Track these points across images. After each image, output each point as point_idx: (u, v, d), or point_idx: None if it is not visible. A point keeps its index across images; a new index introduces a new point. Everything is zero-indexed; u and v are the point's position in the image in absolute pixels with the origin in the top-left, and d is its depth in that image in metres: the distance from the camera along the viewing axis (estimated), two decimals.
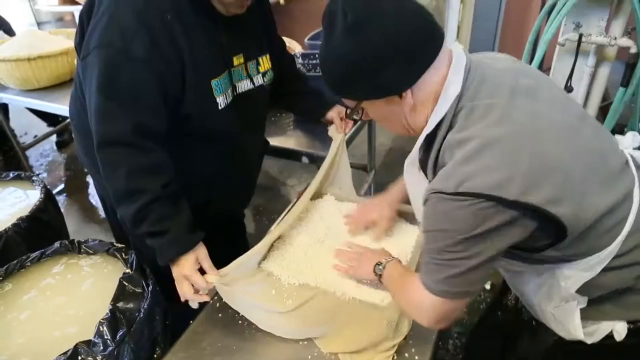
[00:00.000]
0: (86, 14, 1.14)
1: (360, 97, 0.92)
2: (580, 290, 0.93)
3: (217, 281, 1.15)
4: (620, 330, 0.97)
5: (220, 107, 1.22)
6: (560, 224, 0.81)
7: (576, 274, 0.92)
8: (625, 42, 1.90)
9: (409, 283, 0.97)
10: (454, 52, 0.90)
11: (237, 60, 1.26)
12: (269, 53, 1.39)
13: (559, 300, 0.97)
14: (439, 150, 0.89)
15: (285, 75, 1.56)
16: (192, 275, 1.15)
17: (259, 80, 1.35)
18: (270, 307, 1.17)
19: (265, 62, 1.36)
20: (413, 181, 1.01)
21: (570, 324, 0.97)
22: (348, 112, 0.98)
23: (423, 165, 0.97)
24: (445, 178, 0.82)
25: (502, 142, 0.80)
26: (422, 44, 0.84)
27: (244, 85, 1.30)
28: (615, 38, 1.91)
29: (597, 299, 0.96)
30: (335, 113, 1.57)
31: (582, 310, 0.96)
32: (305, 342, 1.16)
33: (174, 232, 1.15)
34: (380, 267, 1.12)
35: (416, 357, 1.11)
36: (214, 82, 1.19)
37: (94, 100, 1.08)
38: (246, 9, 1.20)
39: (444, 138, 0.87)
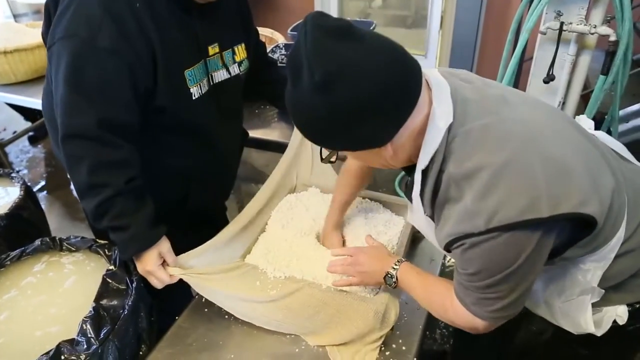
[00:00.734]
0: (52, 2, 1.11)
1: (335, 149, 0.88)
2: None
3: (179, 274, 1.15)
4: (622, 314, 0.98)
5: (194, 98, 1.20)
6: (593, 221, 0.81)
7: (593, 266, 0.92)
8: (604, 30, 1.92)
9: (446, 307, 0.95)
10: (431, 79, 0.86)
11: (213, 50, 1.24)
12: (244, 42, 1.37)
13: (572, 294, 0.97)
14: (436, 182, 0.85)
15: (258, 64, 1.54)
16: (155, 271, 1.15)
17: (235, 69, 1.33)
18: (250, 296, 1.16)
19: (240, 52, 1.35)
20: (420, 221, 0.96)
21: (582, 317, 0.97)
22: (323, 156, 0.92)
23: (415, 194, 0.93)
24: (469, 218, 0.79)
25: (512, 164, 0.78)
26: (397, 98, 0.77)
27: (220, 75, 1.28)
28: (595, 26, 1.93)
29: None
30: None
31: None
32: (292, 336, 1.16)
33: (135, 227, 1.13)
34: (392, 279, 1.08)
35: (403, 348, 1.12)
36: (187, 73, 1.17)
37: (60, 92, 1.06)
38: None
39: (440, 169, 0.84)
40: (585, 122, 1.05)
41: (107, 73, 1.05)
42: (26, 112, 3.63)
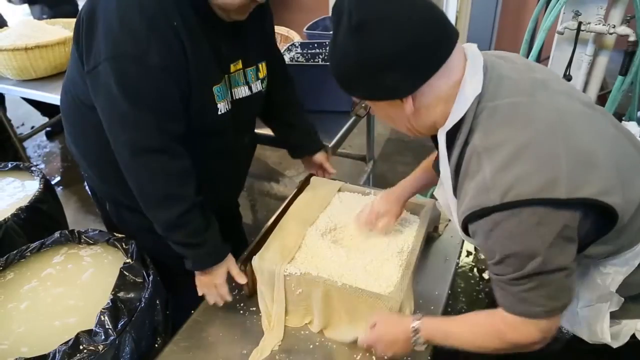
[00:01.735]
0: (87, 16, 1.09)
1: (362, 96, 0.91)
2: (617, 290, 0.92)
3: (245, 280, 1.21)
4: None
5: (219, 113, 1.21)
6: (614, 213, 0.79)
7: (614, 270, 0.90)
8: (623, 30, 1.90)
9: (501, 331, 0.88)
10: (468, 51, 0.88)
11: (234, 67, 1.24)
12: (266, 60, 1.36)
13: (591, 300, 0.95)
14: (460, 155, 0.86)
15: (281, 100, 1.51)
16: (223, 285, 1.22)
17: (257, 86, 1.33)
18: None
19: (264, 69, 1.35)
20: (446, 195, 0.96)
21: (598, 325, 0.95)
22: (354, 107, 0.97)
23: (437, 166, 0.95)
24: (485, 191, 0.78)
25: (536, 144, 0.78)
26: (424, 54, 0.80)
27: (241, 92, 1.28)
28: (614, 26, 1.91)
29: (624, 298, 0.94)
30: (323, 158, 1.59)
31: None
32: (307, 332, 1.17)
33: (210, 244, 1.20)
34: (419, 338, 0.98)
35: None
36: (215, 88, 1.18)
37: (119, 110, 1.06)
38: (247, 16, 1.18)
39: (465, 142, 0.84)
40: (633, 127, 1.03)
41: (161, 88, 1.07)
42: (43, 108, 3.68)
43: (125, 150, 1.10)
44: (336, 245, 1.30)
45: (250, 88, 1.30)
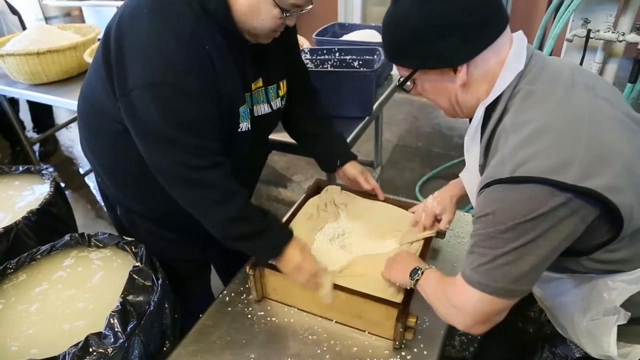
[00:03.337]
0: (115, 35, 1.09)
1: (415, 65, 0.91)
2: (624, 307, 0.90)
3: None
4: None
5: (240, 130, 1.22)
6: (618, 215, 0.78)
7: (621, 286, 0.89)
8: (633, 37, 1.90)
9: (448, 283, 0.94)
10: (516, 37, 0.91)
11: (255, 85, 1.25)
12: (287, 78, 1.36)
13: (598, 313, 0.93)
14: (492, 133, 0.89)
15: (301, 111, 1.50)
16: (303, 260, 1.16)
17: (277, 104, 1.33)
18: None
19: (284, 87, 1.35)
20: (471, 175, 0.98)
21: (604, 339, 0.93)
22: (400, 80, 0.96)
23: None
24: (500, 164, 0.80)
25: (560, 127, 0.79)
26: (486, 22, 0.85)
27: (261, 109, 1.29)
28: (624, 34, 1.91)
29: (636, 320, 0.92)
30: (357, 171, 1.49)
31: (617, 329, 0.92)
32: (315, 337, 1.17)
33: (275, 225, 1.19)
34: (419, 272, 1.06)
35: (425, 352, 1.12)
36: (241, 109, 1.20)
37: (161, 134, 1.06)
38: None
39: (498, 121, 0.87)
40: None
41: (202, 111, 1.08)
42: (38, 122, 3.70)
43: (172, 167, 1.10)
44: (344, 251, 1.31)
45: (270, 105, 1.31)
